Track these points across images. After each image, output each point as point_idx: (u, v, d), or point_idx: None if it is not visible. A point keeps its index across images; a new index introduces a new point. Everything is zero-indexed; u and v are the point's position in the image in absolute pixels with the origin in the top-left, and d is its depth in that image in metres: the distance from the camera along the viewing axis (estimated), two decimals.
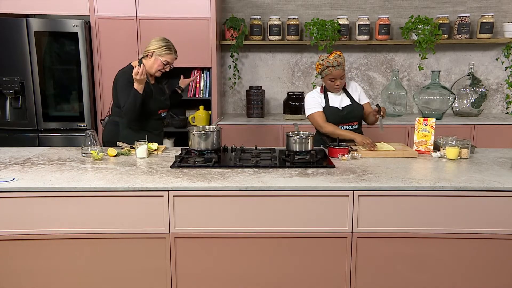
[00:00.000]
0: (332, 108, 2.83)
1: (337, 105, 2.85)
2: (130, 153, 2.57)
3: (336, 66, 2.71)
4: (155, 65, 2.73)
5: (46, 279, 2.08)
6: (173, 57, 2.76)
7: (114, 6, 3.65)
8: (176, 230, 2.03)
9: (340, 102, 2.86)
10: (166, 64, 2.74)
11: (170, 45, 2.75)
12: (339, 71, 2.73)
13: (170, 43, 2.77)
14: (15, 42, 3.56)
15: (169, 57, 2.74)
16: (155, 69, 2.73)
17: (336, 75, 2.74)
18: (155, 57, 2.71)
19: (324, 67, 2.75)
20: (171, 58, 2.75)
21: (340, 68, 2.73)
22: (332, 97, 2.86)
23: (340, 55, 2.75)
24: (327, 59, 2.73)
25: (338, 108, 2.83)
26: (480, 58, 4.26)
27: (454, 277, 2.09)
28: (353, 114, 2.84)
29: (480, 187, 1.99)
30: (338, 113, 2.83)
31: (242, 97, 4.41)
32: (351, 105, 2.84)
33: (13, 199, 1.98)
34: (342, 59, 2.74)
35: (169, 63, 2.75)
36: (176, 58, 2.80)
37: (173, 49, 2.76)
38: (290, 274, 2.09)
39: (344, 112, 2.82)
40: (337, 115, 2.82)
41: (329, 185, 2.00)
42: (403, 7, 4.20)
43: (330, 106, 2.84)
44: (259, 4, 4.23)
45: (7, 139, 3.69)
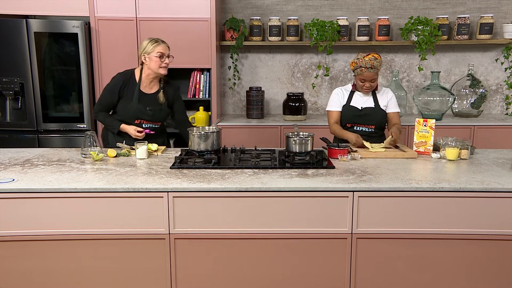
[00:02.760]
0: (352, 107, 2.84)
1: (359, 105, 2.84)
2: (130, 154, 2.57)
3: (369, 68, 2.69)
4: (152, 64, 2.70)
5: (46, 279, 2.08)
6: (163, 46, 2.71)
7: (114, 7, 3.65)
8: (176, 231, 2.03)
9: (363, 103, 2.85)
10: (160, 56, 2.69)
11: (155, 38, 2.73)
12: (370, 73, 2.70)
13: (155, 38, 2.75)
14: (15, 43, 3.56)
15: (159, 47, 2.69)
16: (155, 67, 2.70)
17: (366, 76, 2.72)
18: (148, 57, 2.70)
19: (357, 66, 2.73)
20: (162, 48, 2.70)
21: (372, 71, 2.69)
22: (357, 96, 2.86)
23: (377, 58, 2.70)
24: (362, 59, 2.70)
25: (358, 108, 2.83)
26: (479, 59, 4.26)
27: (454, 278, 2.09)
28: (372, 117, 2.82)
29: (480, 188, 1.99)
30: (356, 112, 2.83)
31: (242, 98, 4.41)
32: (372, 108, 2.82)
33: (12, 200, 1.98)
34: (377, 63, 2.69)
35: (163, 53, 2.70)
36: (168, 48, 2.75)
37: (160, 40, 2.73)
38: (290, 275, 2.09)
39: (362, 112, 2.82)
40: (355, 114, 2.83)
41: (329, 186, 2.00)
42: (403, 8, 4.20)
43: (350, 105, 2.85)
44: (259, 5, 4.23)
45: (7, 140, 3.69)
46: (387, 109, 2.86)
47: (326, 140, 2.65)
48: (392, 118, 2.87)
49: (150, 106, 2.77)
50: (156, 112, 2.80)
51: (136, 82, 2.77)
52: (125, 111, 2.76)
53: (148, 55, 2.69)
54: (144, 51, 2.70)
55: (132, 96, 2.74)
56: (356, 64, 2.74)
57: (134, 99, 2.74)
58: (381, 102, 2.85)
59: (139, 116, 2.77)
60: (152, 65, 2.71)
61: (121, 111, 2.78)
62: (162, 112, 2.83)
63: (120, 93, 2.75)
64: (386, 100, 2.86)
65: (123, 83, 2.75)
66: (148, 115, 2.78)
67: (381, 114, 2.84)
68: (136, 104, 2.74)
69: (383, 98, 2.86)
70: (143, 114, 2.77)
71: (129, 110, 2.74)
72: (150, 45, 2.69)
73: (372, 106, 2.83)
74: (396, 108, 2.89)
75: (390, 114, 2.87)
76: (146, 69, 2.75)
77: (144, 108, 2.76)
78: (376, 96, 2.86)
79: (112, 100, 2.77)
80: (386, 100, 2.86)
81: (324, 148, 2.63)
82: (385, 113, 2.86)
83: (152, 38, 2.73)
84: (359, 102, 2.85)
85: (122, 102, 2.76)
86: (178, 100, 2.92)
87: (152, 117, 2.80)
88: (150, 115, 2.78)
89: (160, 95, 2.80)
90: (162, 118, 2.86)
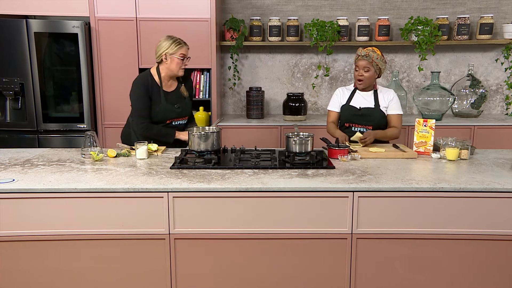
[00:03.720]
0: (351, 107, 2.85)
1: (358, 104, 2.84)
2: (130, 154, 2.57)
3: (363, 56, 2.71)
4: (174, 65, 2.69)
5: (46, 280, 2.07)
6: (185, 48, 2.72)
7: (114, 7, 3.65)
8: (176, 231, 2.03)
9: (362, 103, 2.84)
10: (183, 58, 2.70)
11: (178, 39, 2.72)
12: (363, 61, 2.72)
13: (177, 38, 2.73)
14: (15, 43, 3.56)
15: (183, 49, 2.70)
16: (176, 69, 2.70)
17: (360, 64, 2.74)
18: (169, 57, 2.68)
19: (356, 57, 2.78)
20: (184, 50, 2.71)
21: (366, 59, 2.71)
22: (358, 96, 2.87)
23: (375, 51, 2.73)
24: (360, 49, 2.75)
25: (356, 108, 2.83)
26: (479, 59, 4.26)
27: (454, 278, 2.09)
28: (370, 117, 2.81)
29: (480, 188, 1.99)
30: (354, 112, 2.83)
31: (242, 98, 4.41)
32: (371, 109, 2.81)
33: (12, 200, 1.98)
34: (373, 54, 2.71)
35: (185, 56, 2.72)
36: (188, 49, 2.76)
37: (182, 41, 2.73)
38: (290, 275, 2.09)
39: (360, 112, 2.82)
40: (353, 114, 2.83)
41: (329, 186, 2.00)
42: (403, 8, 4.20)
43: (349, 105, 2.85)
44: (259, 5, 4.23)
45: (7, 140, 3.69)
46: (387, 111, 2.85)
47: (326, 140, 2.64)
48: (391, 120, 2.84)
49: (177, 103, 2.78)
50: (184, 108, 2.83)
51: (157, 83, 2.74)
52: (156, 114, 2.72)
53: (170, 56, 2.68)
54: (166, 51, 2.67)
55: (158, 98, 2.72)
56: (356, 55, 2.81)
57: (162, 100, 2.72)
58: (381, 103, 2.84)
59: (169, 116, 2.77)
60: (173, 66, 2.70)
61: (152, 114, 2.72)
62: (188, 106, 2.87)
63: (150, 96, 2.70)
64: (387, 101, 2.84)
65: (147, 86, 2.70)
66: (177, 113, 2.79)
67: (380, 115, 2.82)
68: (165, 105, 2.73)
69: (384, 99, 2.85)
70: (173, 112, 2.77)
71: (159, 112, 2.72)
72: (174, 46, 2.67)
73: (371, 106, 2.83)
74: (397, 110, 2.84)
75: (389, 116, 2.85)
76: (165, 69, 2.73)
77: (173, 106, 2.76)
78: (377, 97, 2.85)
79: (148, 105, 2.69)
80: (387, 101, 2.84)
81: (324, 148, 2.63)
82: (385, 114, 2.84)
83: (174, 39, 2.70)
84: (358, 102, 2.85)
85: (153, 106, 2.72)
86: (192, 95, 2.95)
87: (180, 114, 2.82)
88: (179, 112, 2.80)
89: (183, 88, 2.83)
90: (189, 113, 2.89)
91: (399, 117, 2.85)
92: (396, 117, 2.84)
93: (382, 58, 2.76)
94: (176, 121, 2.83)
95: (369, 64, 2.73)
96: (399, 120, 2.84)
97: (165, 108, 2.73)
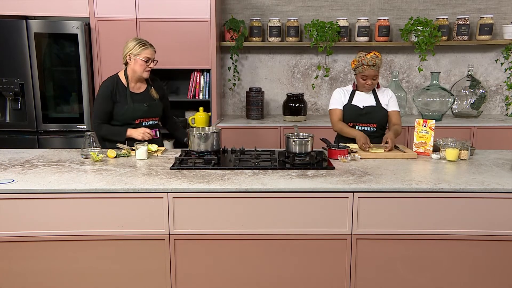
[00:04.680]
0: (353, 106, 2.85)
1: (360, 104, 2.84)
2: (129, 154, 2.57)
3: (371, 65, 2.71)
4: (137, 66, 2.67)
5: (46, 280, 2.07)
6: (150, 51, 2.67)
7: (113, 7, 3.65)
8: (176, 231, 2.03)
9: (364, 102, 2.85)
10: (146, 60, 2.66)
11: (143, 41, 2.69)
12: (372, 71, 2.73)
13: (143, 39, 2.71)
14: (15, 44, 3.56)
15: (147, 52, 2.66)
16: (140, 70, 2.68)
17: (368, 74, 2.74)
18: (133, 59, 2.66)
19: (359, 64, 2.75)
20: (149, 53, 2.66)
21: (374, 69, 2.73)
22: (358, 95, 2.87)
23: (378, 56, 2.74)
24: (364, 57, 2.73)
25: (359, 107, 2.84)
26: (479, 60, 4.26)
27: (454, 278, 2.09)
28: (373, 115, 2.82)
29: (480, 189, 1.99)
30: (357, 111, 2.83)
31: (241, 98, 4.41)
32: (374, 107, 2.83)
33: (12, 201, 1.98)
34: (378, 60, 2.72)
35: (150, 58, 2.67)
36: (155, 52, 2.72)
37: (148, 43, 2.69)
38: (289, 275, 2.09)
39: (363, 111, 2.82)
40: (356, 113, 2.84)
41: (329, 187, 2.00)
42: (403, 8, 4.21)
43: (351, 104, 2.85)
44: (259, 5, 4.23)
45: (7, 140, 3.69)
46: (387, 108, 2.86)
47: (326, 140, 2.64)
48: (392, 116, 2.86)
49: (145, 102, 2.76)
50: (153, 107, 2.79)
51: (125, 85, 2.74)
52: (123, 114, 2.71)
53: (134, 57, 2.66)
54: (130, 51, 2.66)
55: (125, 99, 2.72)
56: (358, 62, 2.76)
57: (128, 100, 2.71)
58: (382, 101, 2.85)
59: (138, 115, 2.75)
60: (136, 68, 2.68)
61: (118, 115, 2.72)
62: (158, 106, 2.83)
63: (113, 98, 2.71)
64: (387, 99, 2.86)
65: (112, 88, 2.71)
66: (146, 111, 2.76)
67: (382, 113, 2.84)
68: (132, 104, 2.72)
69: (383, 97, 2.86)
70: (141, 111, 2.75)
71: (127, 111, 2.71)
72: (138, 48, 2.65)
73: (373, 104, 2.84)
74: (397, 107, 2.89)
75: (390, 113, 2.86)
76: (130, 70, 2.72)
77: (141, 105, 2.74)
78: (377, 95, 2.86)
79: (108, 108, 2.70)
80: (386, 99, 2.86)
81: (324, 149, 2.63)
82: (387, 112, 2.86)
83: (139, 40, 2.69)
84: (360, 101, 2.85)
85: (118, 106, 2.72)
86: (165, 97, 2.94)
87: (150, 112, 2.78)
88: (147, 110, 2.76)
89: (153, 91, 2.80)
90: (159, 113, 2.84)
91: (399, 114, 2.90)
92: (397, 114, 2.88)
93: (382, 59, 2.79)
94: (146, 121, 2.79)
95: (377, 72, 2.76)
96: (399, 117, 2.89)
97: (132, 107, 2.71)
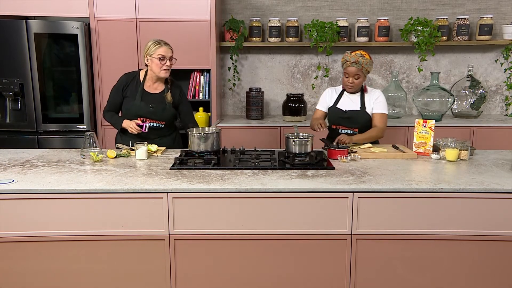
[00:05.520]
0: (336, 109, 2.84)
1: (344, 107, 2.83)
2: (129, 154, 2.57)
3: (352, 62, 2.70)
4: (154, 66, 2.70)
5: (45, 280, 2.07)
6: (164, 49, 2.69)
7: (113, 8, 3.66)
8: (176, 232, 2.03)
9: (348, 105, 2.83)
10: (161, 58, 2.68)
11: (157, 40, 2.72)
12: (353, 68, 2.70)
13: (159, 39, 2.74)
14: (14, 44, 3.56)
15: (161, 49, 2.68)
16: (156, 69, 2.70)
17: (349, 71, 2.73)
18: (150, 59, 2.70)
19: (344, 61, 2.76)
20: (163, 51, 2.68)
21: (355, 66, 2.69)
22: (345, 98, 2.86)
23: (364, 55, 2.71)
24: (349, 55, 2.74)
25: (342, 110, 2.83)
26: (479, 60, 4.27)
27: (454, 279, 2.09)
28: (356, 120, 2.80)
29: (480, 189, 1.99)
30: (340, 114, 2.83)
31: (241, 98, 4.41)
32: (357, 111, 2.80)
33: (12, 201, 1.98)
34: (363, 59, 2.69)
35: (165, 56, 2.68)
36: (171, 50, 2.74)
37: (162, 41, 2.72)
38: (289, 276, 2.09)
39: (346, 115, 2.81)
40: (339, 116, 2.83)
41: (329, 187, 2.00)
42: (402, 9, 4.21)
43: (335, 107, 2.85)
44: (259, 6, 4.24)
45: (7, 140, 3.69)
46: (373, 110, 2.81)
47: (325, 141, 2.65)
48: (373, 118, 2.80)
49: (153, 104, 2.77)
50: (159, 111, 2.77)
51: (140, 82, 2.79)
52: (128, 109, 2.77)
53: (150, 57, 2.70)
54: (147, 52, 2.71)
55: (135, 95, 2.76)
56: (343, 59, 2.77)
57: (137, 96, 2.75)
58: (367, 105, 2.81)
59: (141, 114, 2.76)
60: (153, 67, 2.71)
61: (125, 109, 2.80)
62: (166, 111, 2.79)
63: (124, 92, 2.78)
64: (372, 102, 2.81)
65: (126, 82, 2.80)
66: (150, 113, 2.76)
67: (365, 118, 2.80)
68: (139, 102, 2.75)
69: (370, 101, 2.82)
70: (145, 111, 2.75)
71: (131, 107, 2.76)
72: (152, 47, 2.69)
73: (357, 109, 2.81)
74: (381, 109, 2.80)
75: (373, 115, 2.81)
76: (150, 70, 2.76)
77: (147, 106, 2.75)
78: (364, 99, 2.83)
79: (117, 99, 2.81)
80: (372, 103, 2.81)
81: (324, 149, 2.63)
82: (369, 117, 2.81)
83: (154, 40, 2.73)
84: (345, 104, 2.84)
85: (127, 101, 2.78)
86: (184, 102, 2.90)
87: (154, 114, 2.77)
88: (152, 112, 2.76)
89: (168, 95, 2.80)
90: (166, 118, 2.81)
91: (382, 116, 2.80)
92: (379, 116, 2.79)
93: (371, 61, 2.74)
94: (150, 122, 2.78)
95: (359, 71, 2.71)
96: (382, 119, 2.79)
97: (137, 105, 2.74)
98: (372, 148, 2.64)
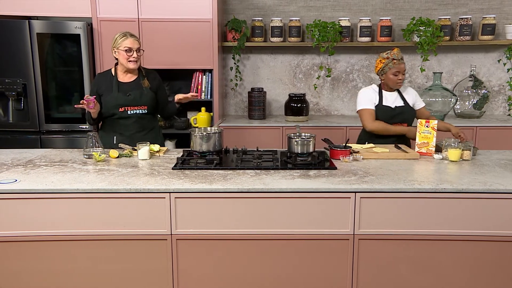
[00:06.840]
0: (385, 106, 2.87)
1: (391, 104, 2.87)
2: (132, 154, 2.57)
3: (400, 59, 2.78)
4: (121, 58, 2.73)
5: (48, 280, 2.08)
6: (130, 40, 2.71)
7: (116, 8, 3.66)
8: (178, 231, 2.03)
9: (394, 102, 2.88)
10: (128, 50, 2.70)
11: (124, 32, 2.74)
12: (403, 64, 2.81)
13: (125, 31, 2.76)
14: (17, 44, 3.57)
15: (127, 41, 2.70)
16: (124, 61, 2.72)
17: (401, 68, 2.80)
18: (117, 51, 2.73)
19: (389, 61, 2.79)
20: (129, 42, 2.70)
21: (403, 62, 2.81)
22: (386, 96, 2.89)
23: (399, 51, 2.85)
24: (392, 53, 2.81)
25: (391, 107, 2.86)
26: (482, 60, 4.26)
27: (456, 279, 2.09)
28: (405, 115, 2.88)
29: (482, 189, 1.98)
30: (390, 112, 2.85)
31: (243, 98, 4.41)
32: (404, 107, 2.88)
33: (15, 201, 1.99)
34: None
35: (131, 48, 2.70)
36: (138, 41, 2.75)
37: (128, 33, 2.74)
38: (291, 276, 2.09)
39: (396, 111, 2.85)
40: (389, 114, 2.86)
41: (331, 187, 1.99)
42: (405, 9, 4.20)
43: (383, 105, 2.87)
44: (261, 5, 4.24)
45: (9, 140, 3.70)
46: (416, 106, 2.94)
47: (328, 141, 2.64)
48: (424, 112, 2.96)
49: (130, 92, 2.79)
50: (137, 97, 2.79)
51: (112, 75, 2.82)
52: (107, 101, 2.77)
53: (117, 50, 2.73)
54: (113, 45, 2.74)
55: (111, 88, 2.78)
56: (386, 59, 2.82)
57: (114, 88, 2.77)
58: (409, 100, 2.91)
59: (119, 103, 2.77)
60: (121, 59, 2.74)
61: (104, 103, 2.79)
62: (144, 95, 2.80)
63: (99, 91, 2.79)
64: (413, 98, 2.93)
65: (100, 81, 2.82)
66: (129, 100, 2.78)
67: (412, 112, 2.91)
68: (116, 93, 2.76)
69: (408, 96, 2.92)
70: (123, 100, 2.77)
71: (110, 99, 2.76)
72: (119, 39, 2.72)
73: (402, 104, 2.89)
74: (422, 102, 3.01)
75: (421, 110, 2.96)
76: (119, 63, 2.79)
77: (124, 95, 2.77)
78: (402, 95, 2.92)
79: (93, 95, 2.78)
80: (412, 98, 2.93)
81: (326, 149, 2.63)
82: (415, 111, 2.93)
83: (121, 33, 2.75)
84: (389, 102, 2.89)
85: (104, 96, 2.79)
86: (161, 88, 2.94)
87: (134, 101, 2.78)
88: (131, 99, 2.78)
89: (145, 81, 2.82)
90: (146, 101, 2.81)
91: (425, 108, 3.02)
92: (425, 109, 3.00)
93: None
94: (131, 110, 2.79)
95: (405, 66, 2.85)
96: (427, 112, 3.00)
97: (115, 96, 2.76)
98: (374, 148, 2.64)
